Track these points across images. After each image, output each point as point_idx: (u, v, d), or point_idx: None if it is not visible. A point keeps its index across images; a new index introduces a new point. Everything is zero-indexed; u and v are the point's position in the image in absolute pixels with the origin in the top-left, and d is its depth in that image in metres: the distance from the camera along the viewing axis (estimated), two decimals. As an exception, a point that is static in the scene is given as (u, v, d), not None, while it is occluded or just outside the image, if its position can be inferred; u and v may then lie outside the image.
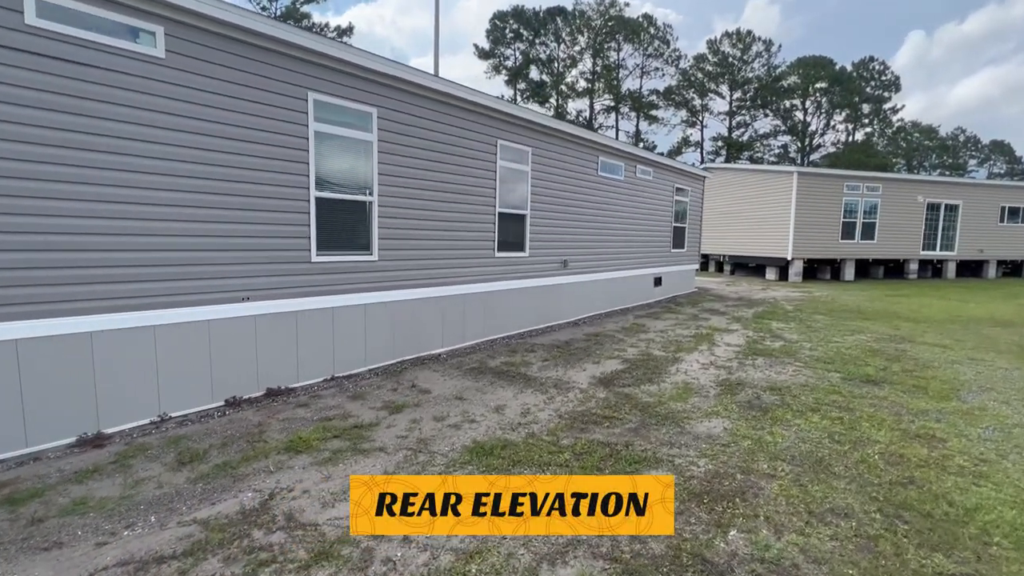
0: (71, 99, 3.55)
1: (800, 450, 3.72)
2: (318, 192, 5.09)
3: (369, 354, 5.77)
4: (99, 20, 3.64)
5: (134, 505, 2.89)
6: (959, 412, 4.60)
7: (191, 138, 4.15)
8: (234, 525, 2.69)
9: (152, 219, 3.98)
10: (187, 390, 4.30)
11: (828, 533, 2.67)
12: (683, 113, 49.70)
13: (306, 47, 4.76)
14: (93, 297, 3.75)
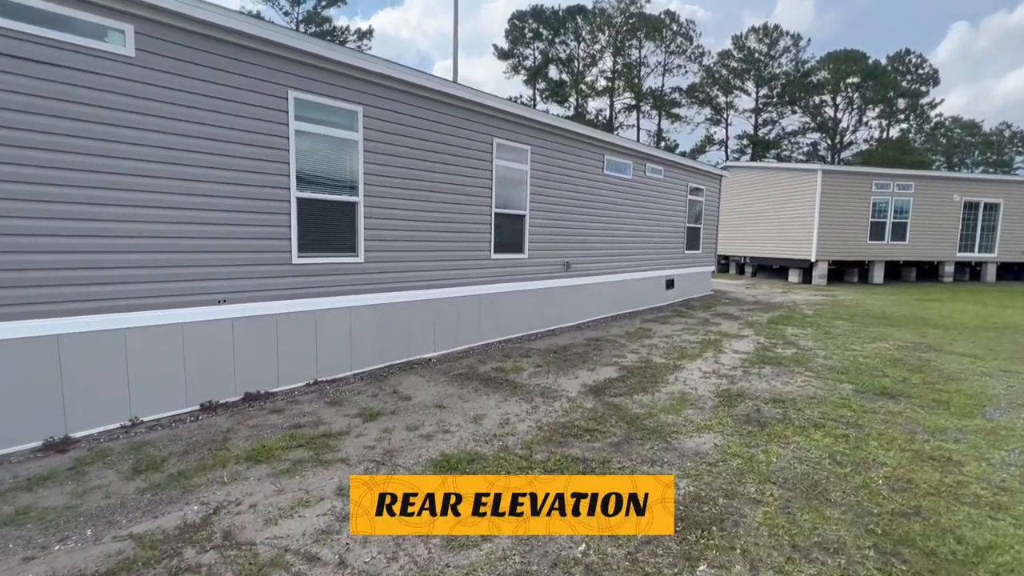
0: (35, 99, 3.49)
1: (795, 472, 3.40)
2: (300, 192, 4.98)
3: (355, 358, 5.64)
4: (65, 19, 3.58)
5: (75, 516, 2.79)
6: (982, 431, 4.17)
7: (163, 138, 4.07)
8: (168, 542, 2.56)
9: (121, 220, 3.92)
10: (160, 394, 4.23)
11: (811, 572, 2.37)
12: (707, 111, 48.63)
13: (285, 44, 4.66)
14: (59, 300, 3.70)
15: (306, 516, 2.81)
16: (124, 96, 3.87)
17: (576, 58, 43.60)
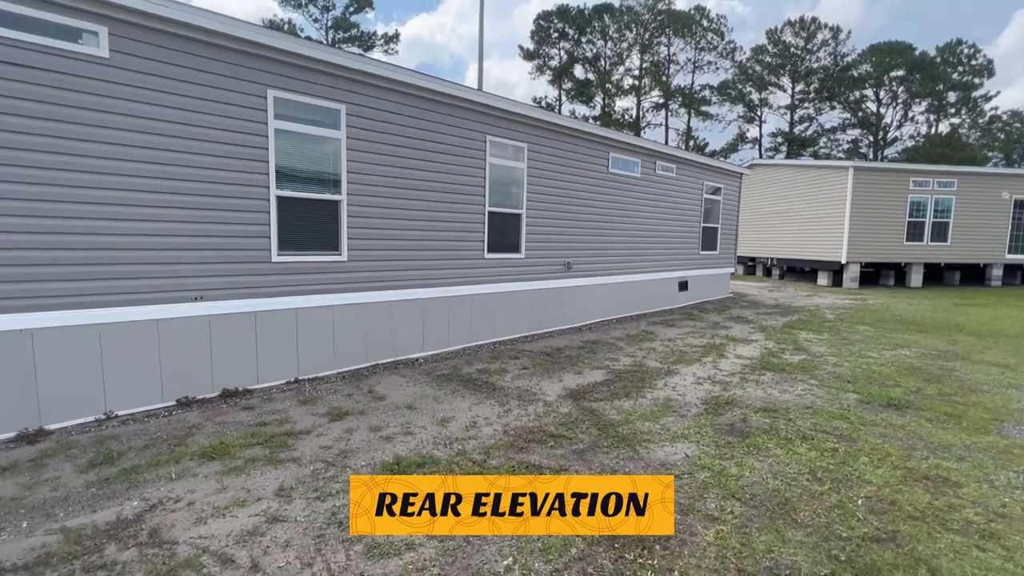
0: (9, 100, 3.60)
1: (765, 488, 3.14)
2: (279, 191, 5.00)
3: (338, 357, 5.63)
4: (37, 22, 3.68)
5: (18, 507, 2.83)
6: (992, 449, 3.78)
7: (138, 137, 4.15)
8: (95, 537, 2.55)
9: (95, 218, 4.01)
10: (135, 390, 4.30)
11: (751, 601, 2.15)
12: (739, 108, 47.15)
13: (262, 43, 4.68)
14: (32, 295, 3.80)
15: (238, 516, 2.77)
16: (99, 96, 3.96)
17: (602, 57, 43.04)
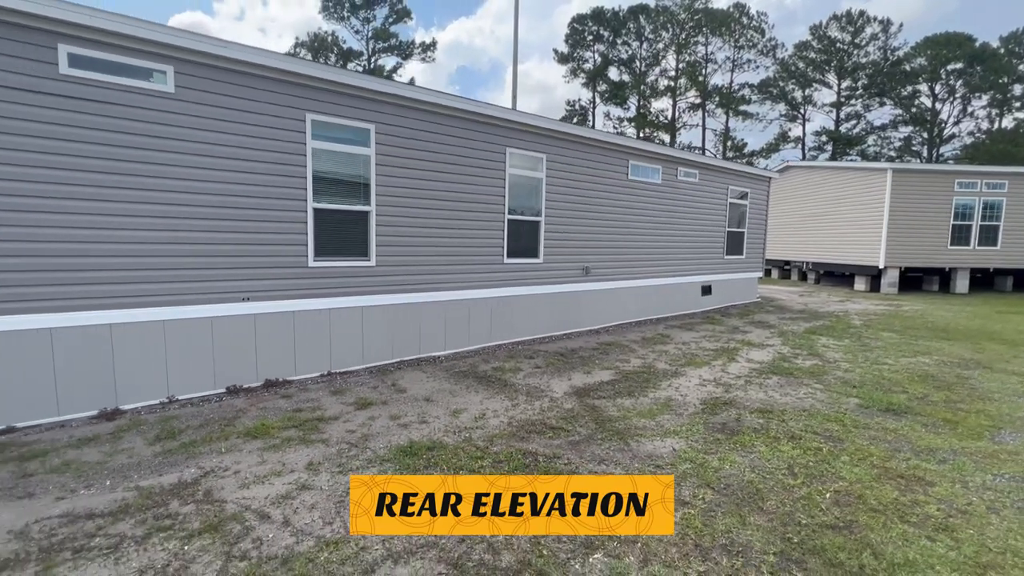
0: (96, 132, 4.30)
1: (740, 480, 3.42)
2: (316, 203, 5.59)
3: (367, 353, 6.19)
4: (118, 65, 4.37)
5: (102, 470, 3.45)
6: (980, 454, 3.89)
7: (197, 159, 4.80)
8: (161, 495, 3.13)
9: (163, 229, 4.68)
10: (192, 377, 4.97)
11: (700, 569, 2.47)
12: (781, 107, 45.74)
13: (302, 73, 5.28)
14: (112, 295, 4.50)
15: (274, 484, 3.29)
16: (166, 126, 4.63)
17: (638, 58, 42.76)
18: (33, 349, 4.18)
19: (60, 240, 4.22)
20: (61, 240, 4.23)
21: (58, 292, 4.26)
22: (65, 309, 4.30)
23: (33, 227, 4.11)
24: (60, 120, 4.16)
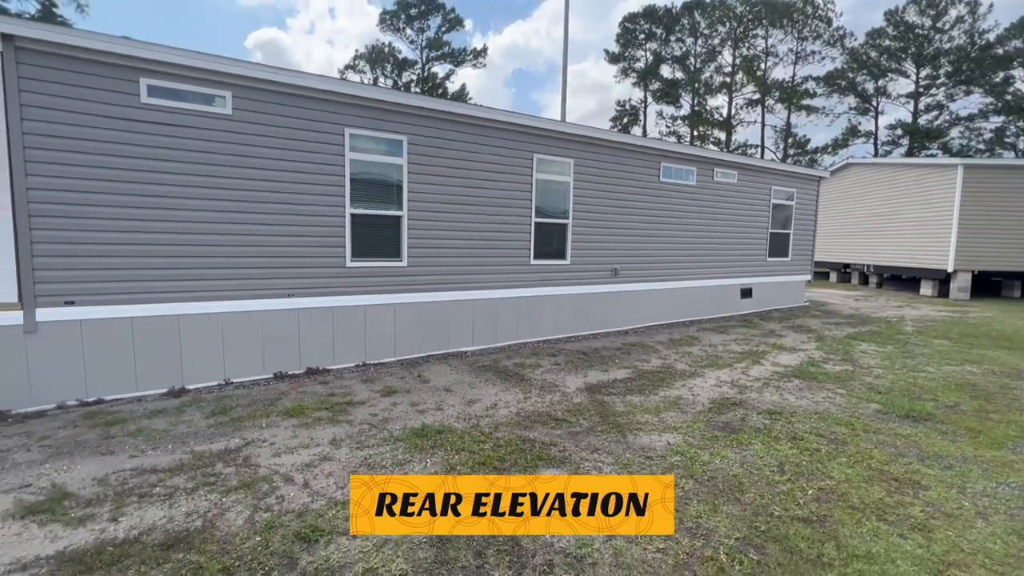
0: (172, 151, 5.06)
1: (726, 473, 3.55)
2: (353, 209, 6.16)
3: (398, 347, 6.70)
4: (187, 93, 5.11)
5: (166, 436, 4.11)
6: (993, 462, 3.77)
7: (255, 172, 5.48)
8: (210, 458, 3.71)
9: (222, 233, 5.39)
10: (245, 363, 5.65)
11: (659, 547, 2.68)
12: (850, 99, 42.89)
13: (340, 92, 5.87)
14: (180, 291, 5.24)
15: (301, 454, 3.80)
16: (225, 143, 5.33)
17: (691, 55, 41.58)
18: (118, 335, 4.98)
19: (138, 243, 4.99)
20: (139, 243, 5.00)
21: (137, 287, 5.04)
22: (143, 301, 5.08)
23: (115, 232, 4.89)
24: (141, 142, 4.93)
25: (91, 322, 4.85)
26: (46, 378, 4.69)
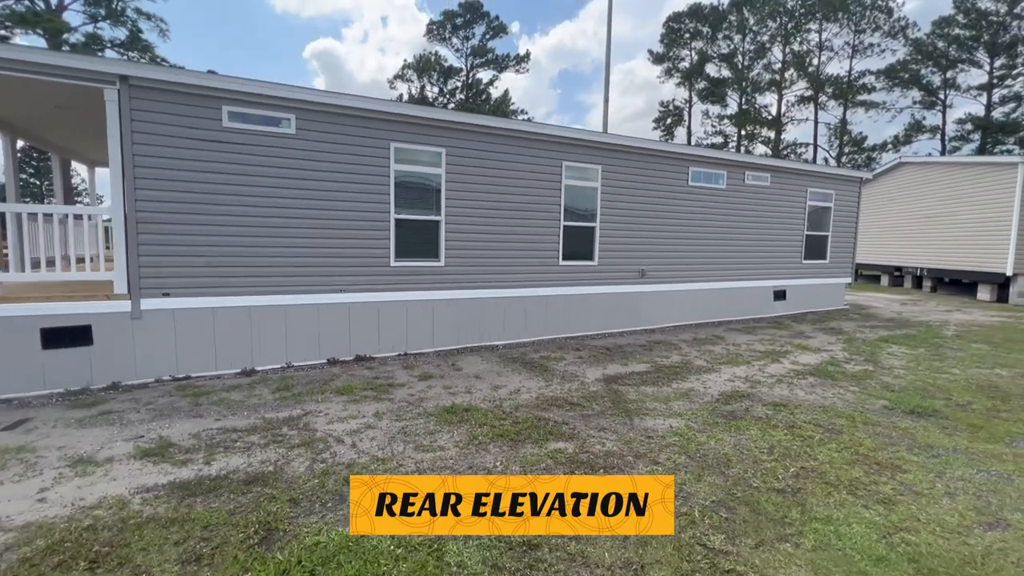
0: (246, 166, 5.95)
1: (717, 452, 3.95)
2: (397, 215, 6.90)
3: (436, 339, 7.39)
4: (258, 116, 5.99)
5: (242, 406, 4.94)
6: (982, 454, 3.96)
7: (314, 184, 6.32)
8: (277, 423, 4.48)
9: (283, 236, 6.24)
10: (303, 350, 6.50)
11: (642, 502, 3.16)
12: (914, 93, 40.49)
13: (386, 111, 6.62)
14: (252, 286, 6.13)
15: (350, 423, 4.50)
16: (289, 159, 6.18)
17: (739, 52, 40.54)
18: (203, 323, 5.91)
19: (219, 244, 5.91)
20: (220, 244, 5.91)
21: (218, 282, 5.96)
22: (223, 294, 5.99)
23: (202, 235, 5.83)
24: (223, 159, 5.85)
25: (182, 311, 5.81)
26: (147, 357, 5.67)
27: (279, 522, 2.88)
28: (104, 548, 2.63)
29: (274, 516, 2.94)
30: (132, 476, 3.47)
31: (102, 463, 3.66)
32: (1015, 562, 2.62)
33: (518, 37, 68.52)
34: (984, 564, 2.59)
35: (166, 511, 3.01)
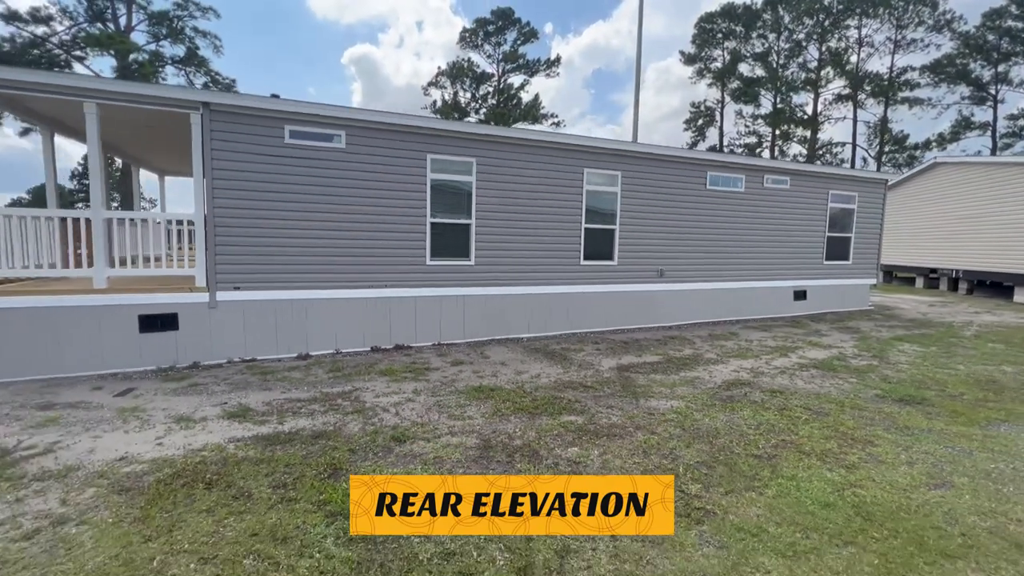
0: (303, 177, 6.86)
1: (709, 427, 4.51)
2: (432, 219, 7.69)
3: (466, 330, 8.14)
4: (314, 133, 6.89)
5: (301, 382, 5.79)
6: (954, 435, 4.38)
7: (359, 191, 7.18)
8: (332, 395, 5.30)
9: (335, 238, 7.12)
10: (350, 338, 7.36)
11: (637, 461, 3.78)
12: (962, 89, 38.89)
13: (424, 126, 7.42)
14: (307, 282, 7.03)
15: (392, 397, 5.28)
16: (341, 172, 7.06)
17: (774, 51, 39.91)
18: (266, 313, 6.84)
19: (281, 245, 6.83)
20: (281, 245, 6.84)
21: (280, 278, 6.88)
22: (283, 288, 6.91)
23: (266, 237, 6.76)
24: (285, 171, 6.76)
25: (249, 302, 6.75)
26: (221, 341, 6.64)
27: (342, 464, 3.66)
28: (213, 476, 3.47)
29: (337, 460, 3.72)
30: (224, 430, 4.33)
31: (198, 421, 4.55)
32: (946, 512, 3.12)
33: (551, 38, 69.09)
34: (916, 512, 3.11)
35: (254, 454, 3.84)
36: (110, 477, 3.46)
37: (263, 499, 3.17)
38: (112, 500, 3.16)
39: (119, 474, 3.51)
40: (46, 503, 3.12)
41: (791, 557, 2.64)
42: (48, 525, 2.89)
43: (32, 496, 3.21)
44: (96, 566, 2.52)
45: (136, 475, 3.50)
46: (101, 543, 2.71)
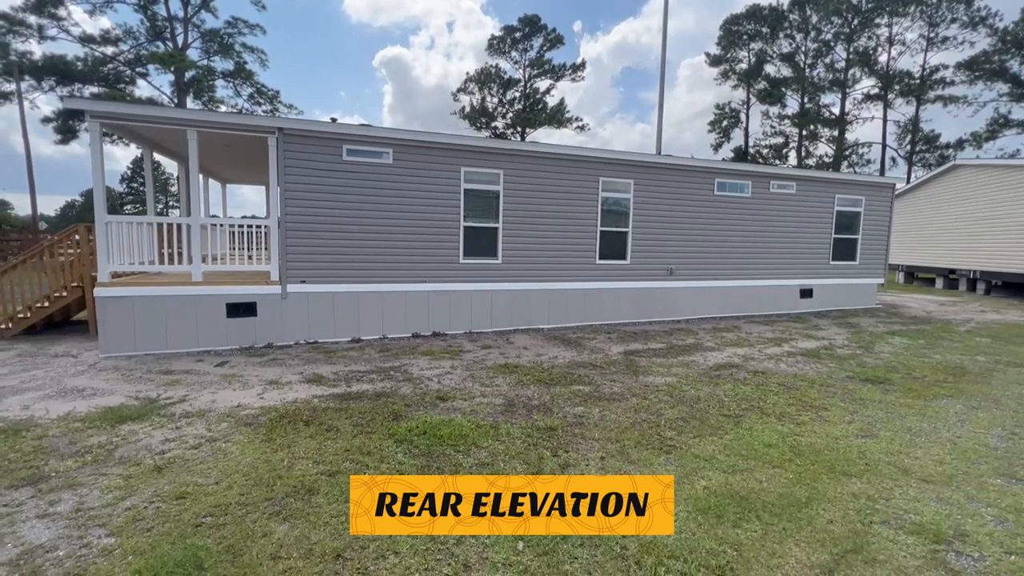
0: (357, 188, 8.12)
1: (692, 395, 5.50)
2: (465, 223, 8.86)
3: (494, 321, 9.28)
4: (367, 151, 8.14)
5: (359, 359, 7.03)
6: (902, 405, 5.25)
7: (403, 200, 8.40)
8: (386, 369, 6.51)
9: (384, 242, 8.36)
10: (395, 326, 8.59)
11: (628, 415, 4.82)
12: (999, 86, 37.94)
13: (459, 144, 8.60)
14: (359, 278, 8.29)
15: (435, 370, 6.45)
16: (388, 183, 8.30)
17: (800, 51, 39.76)
18: (326, 303, 8.13)
19: (339, 246, 8.11)
20: (339, 246, 8.12)
21: (338, 274, 8.16)
22: (340, 283, 8.19)
23: (327, 239, 8.05)
24: (342, 183, 8.04)
25: (313, 294, 8.05)
26: (290, 326, 7.95)
27: (401, 413, 4.83)
28: (308, 417, 4.68)
29: (398, 410, 4.89)
30: (306, 390, 5.58)
31: (285, 384, 5.81)
32: (860, 451, 4.06)
33: (579, 36, 69.74)
34: (836, 450, 4.06)
35: (334, 405, 5.05)
36: (235, 416, 4.73)
37: (348, 432, 4.36)
38: (242, 429, 4.41)
39: (240, 415, 4.77)
40: (196, 431, 4.39)
41: (729, 472, 3.66)
42: (205, 442, 4.14)
43: (186, 426, 4.49)
44: (248, 463, 3.75)
45: (252, 416, 4.75)
46: (245, 451, 3.95)
